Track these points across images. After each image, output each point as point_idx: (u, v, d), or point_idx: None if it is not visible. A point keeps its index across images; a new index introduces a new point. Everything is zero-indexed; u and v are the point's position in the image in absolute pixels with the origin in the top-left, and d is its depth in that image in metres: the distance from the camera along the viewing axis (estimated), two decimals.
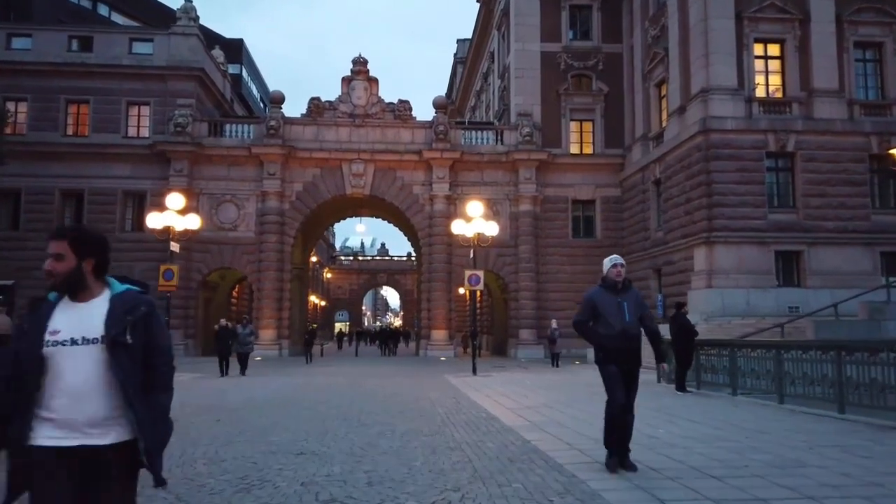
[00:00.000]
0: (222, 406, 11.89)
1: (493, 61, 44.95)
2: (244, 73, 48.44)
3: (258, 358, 32.21)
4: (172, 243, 20.96)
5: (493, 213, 35.13)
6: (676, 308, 14.49)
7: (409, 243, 46.28)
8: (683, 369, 14.06)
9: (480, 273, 20.74)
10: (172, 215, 20.40)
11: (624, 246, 35.18)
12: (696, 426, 9.47)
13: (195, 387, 16.05)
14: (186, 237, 32.69)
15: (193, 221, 21.35)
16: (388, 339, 43.35)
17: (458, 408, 11.85)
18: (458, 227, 20.72)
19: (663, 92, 32.04)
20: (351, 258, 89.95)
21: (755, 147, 27.22)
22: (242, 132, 35.05)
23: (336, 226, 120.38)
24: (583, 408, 11.57)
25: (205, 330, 36.58)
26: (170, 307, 21.33)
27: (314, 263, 69.01)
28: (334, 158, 34.80)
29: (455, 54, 61.51)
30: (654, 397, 13.25)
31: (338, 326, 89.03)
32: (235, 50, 46.43)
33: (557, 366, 26.45)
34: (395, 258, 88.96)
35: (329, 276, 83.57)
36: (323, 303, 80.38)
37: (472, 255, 21.54)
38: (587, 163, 35.74)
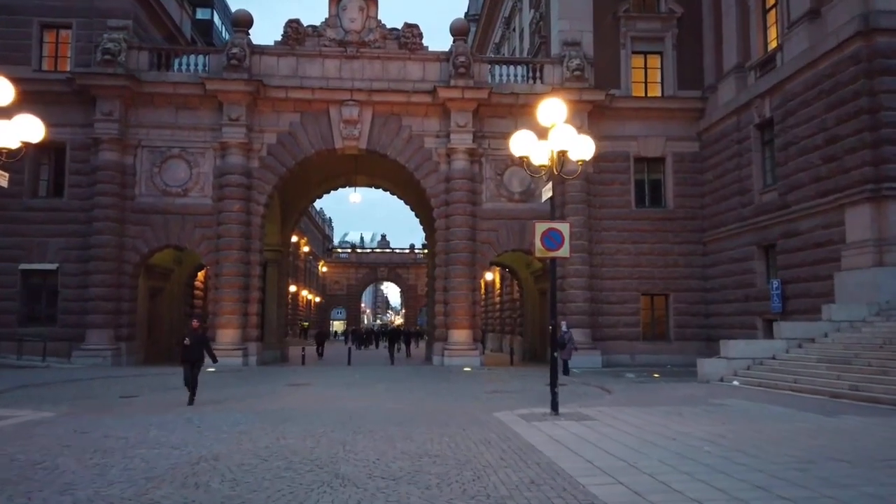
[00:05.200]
0: None
1: None
2: (216, 20, 38.45)
3: (210, 369, 22.32)
4: None
5: (529, 173, 25.23)
6: None
7: (410, 230, 36.26)
8: None
9: (564, 227, 10.98)
10: None
11: (707, 217, 25.32)
12: None
13: None
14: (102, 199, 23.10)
15: (30, 128, 11.34)
16: (397, 340, 33.79)
17: None
18: (521, 145, 10.91)
19: (770, 1, 22.24)
20: (349, 250, 79.93)
21: None
22: (195, 64, 25.12)
23: (334, 215, 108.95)
24: None
25: (150, 330, 26.74)
26: None
27: (307, 254, 59.20)
28: (319, 100, 24.88)
29: (466, 13, 51.69)
30: None
31: (336, 325, 79.19)
32: None
33: (567, 373, 19.85)
34: (397, 251, 78.97)
35: (325, 269, 73.59)
36: (318, 299, 70.51)
37: (548, 192, 11.65)
38: (655, 107, 25.87)
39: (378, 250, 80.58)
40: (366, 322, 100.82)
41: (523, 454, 7.43)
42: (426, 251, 41.94)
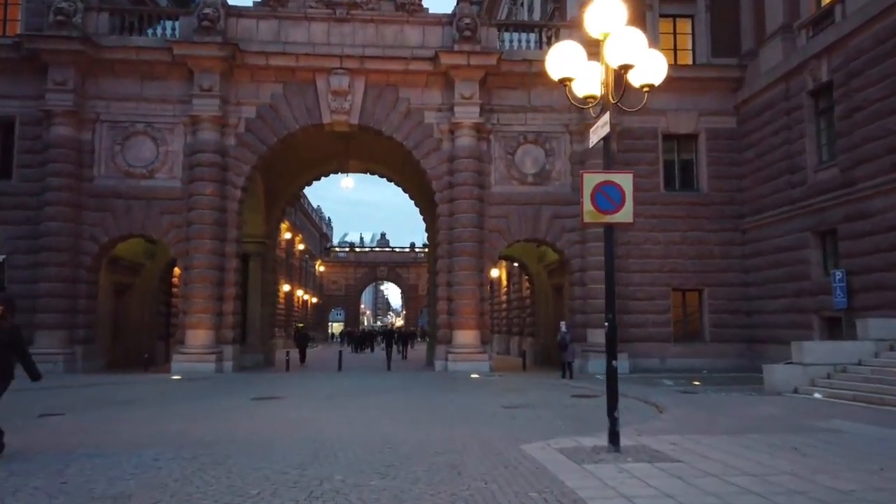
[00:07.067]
0: None
1: None
2: None
3: (176, 377, 18.96)
4: None
5: (545, 152, 21.99)
6: None
7: (411, 231, 32.74)
8: None
9: (625, 180, 7.49)
10: None
11: (747, 202, 21.92)
12: None
13: None
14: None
15: None
16: (395, 341, 30.94)
17: None
18: (564, 63, 7.54)
19: None
20: (347, 249, 76.43)
21: None
22: (163, 28, 21.75)
23: (333, 216, 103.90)
24: None
25: (116, 332, 23.34)
26: None
27: (302, 252, 55.80)
28: (304, 67, 21.50)
29: None
30: None
31: (335, 327, 75.75)
32: None
33: (571, 377, 19.12)
34: (397, 249, 75.53)
35: (322, 269, 70.15)
36: (315, 300, 67.04)
37: (603, 128, 8.17)
38: (686, 77, 22.40)
39: (377, 249, 77.12)
40: (366, 323, 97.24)
41: None
42: (427, 249, 38.52)
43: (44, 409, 11.82)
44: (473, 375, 19.34)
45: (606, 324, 7.41)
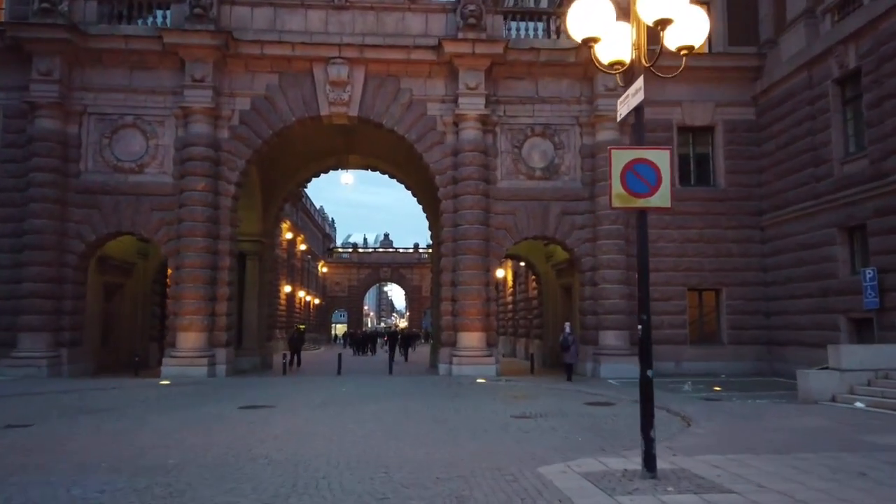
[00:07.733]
0: None
1: None
2: None
3: (165, 382, 17.85)
4: None
5: (554, 145, 20.85)
6: None
7: (415, 232, 31.59)
8: None
9: (661, 158, 6.36)
10: None
11: (766, 197, 20.73)
12: None
13: None
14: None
15: None
16: (397, 343, 30.81)
17: None
18: (588, 21, 6.44)
19: None
20: (349, 250, 75.28)
21: None
22: (154, 17, 20.67)
23: (336, 217, 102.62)
24: None
25: (106, 334, 22.24)
26: None
27: (304, 253, 54.71)
28: (301, 57, 20.40)
29: None
30: None
31: (338, 329, 74.66)
32: None
33: (570, 379, 18.54)
34: (400, 250, 74.38)
35: (325, 270, 69.03)
36: (317, 301, 65.94)
37: (636, 95, 7.05)
38: (702, 66, 21.10)
39: (381, 250, 75.96)
40: (369, 325, 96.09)
41: None
42: (430, 249, 37.42)
43: (13, 419, 10.76)
44: (479, 380, 18.19)
45: (640, 326, 6.24)
